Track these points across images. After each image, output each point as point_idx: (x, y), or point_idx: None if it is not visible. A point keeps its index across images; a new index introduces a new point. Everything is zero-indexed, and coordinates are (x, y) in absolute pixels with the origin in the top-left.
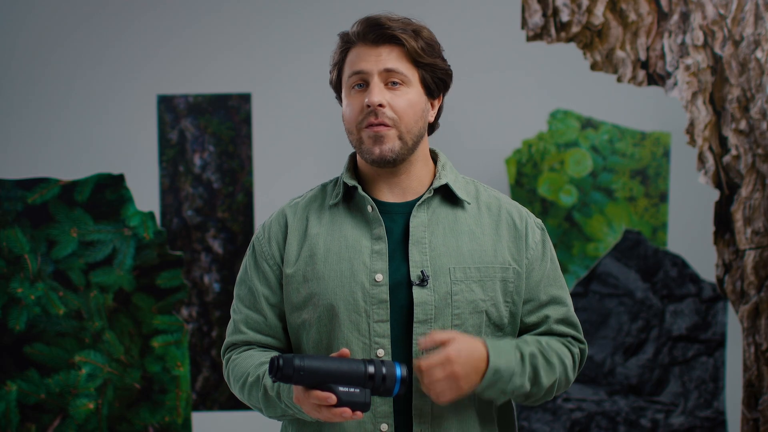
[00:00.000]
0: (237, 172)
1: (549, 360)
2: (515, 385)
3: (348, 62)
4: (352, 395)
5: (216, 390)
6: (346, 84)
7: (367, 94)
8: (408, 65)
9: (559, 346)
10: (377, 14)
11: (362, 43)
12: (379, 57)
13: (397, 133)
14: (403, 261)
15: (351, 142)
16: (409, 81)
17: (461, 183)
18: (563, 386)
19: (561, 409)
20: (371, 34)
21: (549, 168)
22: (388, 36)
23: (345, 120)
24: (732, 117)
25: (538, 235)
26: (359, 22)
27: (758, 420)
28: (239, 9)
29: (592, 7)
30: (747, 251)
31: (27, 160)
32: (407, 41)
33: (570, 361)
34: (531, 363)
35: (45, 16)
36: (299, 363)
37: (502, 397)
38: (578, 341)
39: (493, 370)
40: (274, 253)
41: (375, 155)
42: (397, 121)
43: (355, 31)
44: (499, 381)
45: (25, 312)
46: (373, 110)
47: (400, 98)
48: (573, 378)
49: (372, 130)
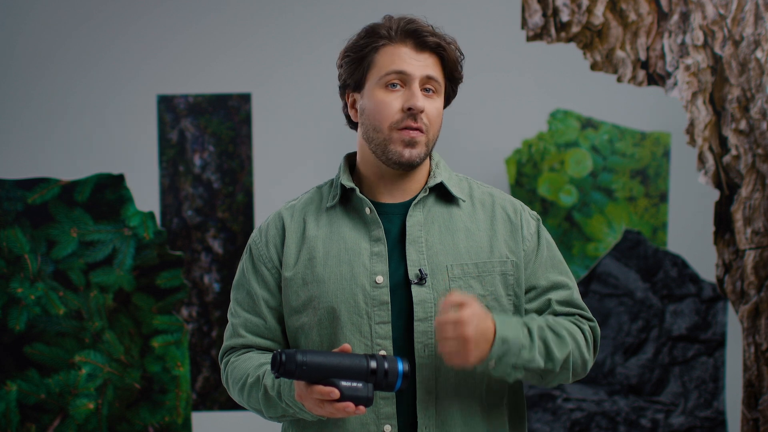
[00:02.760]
0: (237, 172)
1: (558, 333)
2: (525, 359)
3: (383, 59)
4: (355, 390)
5: (216, 390)
6: (378, 80)
7: (409, 97)
8: (441, 75)
9: (566, 323)
10: (410, 16)
11: (403, 44)
12: (421, 63)
13: (426, 140)
14: (401, 261)
15: (373, 140)
16: (440, 91)
17: (455, 181)
18: (579, 365)
19: (561, 409)
20: (414, 39)
21: (549, 168)
22: (432, 45)
23: (373, 116)
24: (732, 117)
25: (533, 226)
26: (396, 22)
27: (758, 420)
28: (239, 9)
29: (592, 7)
30: (747, 251)
31: (27, 160)
32: (449, 53)
33: (581, 336)
34: (540, 336)
35: (45, 16)
36: (302, 358)
37: (514, 373)
38: (587, 319)
39: (501, 339)
40: (272, 257)
41: (404, 158)
42: (428, 127)
43: (395, 30)
44: (508, 352)
45: (25, 312)
46: (414, 114)
47: (432, 106)
48: (589, 358)
49: (408, 135)
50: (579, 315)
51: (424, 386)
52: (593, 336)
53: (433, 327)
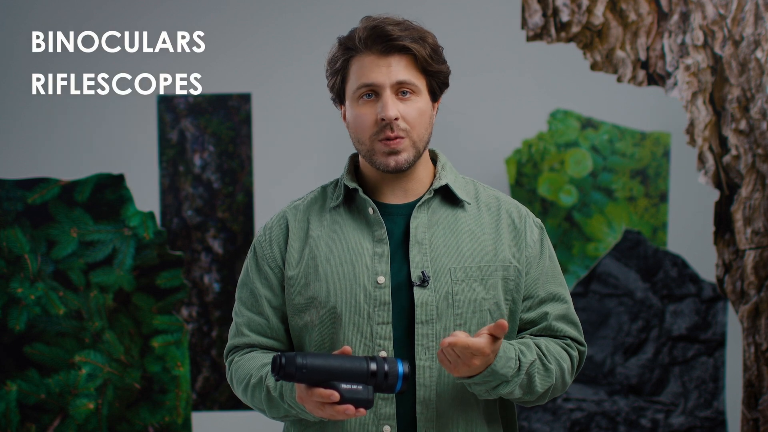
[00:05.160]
0: (237, 172)
1: (547, 366)
2: (501, 392)
3: (354, 71)
4: (355, 392)
5: (216, 390)
6: (353, 94)
7: (381, 107)
8: (417, 74)
9: (558, 350)
10: (378, 19)
11: (369, 52)
12: (390, 68)
13: (411, 143)
14: (404, 262)
15: (360, 151)
16: (418, 90)
17: (461, 183)
18: (560, 390)
19: (561, 409)
20: (380, 44)
21: (549, 168)
22: (398, 47)
23: (354, 129)
24: (732, 117)
25: (537, 233)
26: (362, 29)
27: (758, 420)
28: (239, 9)
29: (592, 7)
30: (747, 251)
31: (27, 160)
32: (417, 51)
33: (568, 365)
34: (527, 372)
35: (45, 16)
36: (301, 361)
37: (485, 395)
38: (578, 343)
39: (489, 371)
40: (276, 256)
41: (390, 167)
42: (410, 131)
43: (359, 39)
44: (489, 382)
45: (25, 312)
46: (389, 124)
47: (411, 108)
48: (570, 381)
49: (388, 146)
50: (572, 338)
51: (424, 388)
52: (579, 361)
53: (434, 329)
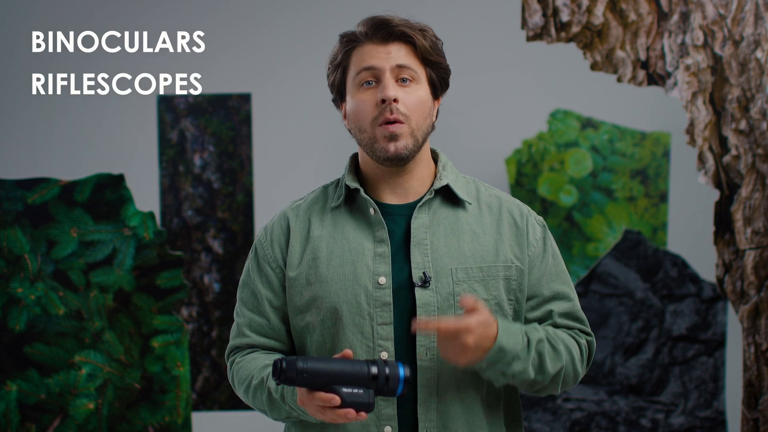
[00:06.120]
0: (237, 172)
1: (555, 347)
2: (515, 370)
3: (355, 61)
4: (356, 396)
5: (216, 390)
6: (353, 82)
7: (381, 89)
8: (417, 62)
9: (565, 336)
10: (380, 15)
11: (370, 41)
12: (389, 54)
13: (409, 130)
14: (405, 263)
15: (361, 141)
16: (418, 78)
17: (462, 183)
18: (571, 378)
19: (561, 409)
20: (380, 32)
21: (549, 168)
22: (397, 33)
23: (355, 118)
24: (732, 117)
25: (539, 232)
26: (364, 22)
27: (758, 420)
28: (239, 9)
29: (592, 7)
30: (747, 251)
31: (27, 160)
32: (417, 39)
33: (577, 351)
34: (537, 349)
35: (45, 16)
36: (302, 365)
37: (501, 378)
38: (585, 333)
39: (498, 347)
40: (277, 256)
41: (390, 153)
42: (409, 116)
43: (361, 30)
44: (500, 361)
45: (25, 312)
46: (388, 105)
47: (410, 95)
48: (582, 371)
49: (387, 130)
50: (579, 329)
51: (426, 388)
52: (588, 350)
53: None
